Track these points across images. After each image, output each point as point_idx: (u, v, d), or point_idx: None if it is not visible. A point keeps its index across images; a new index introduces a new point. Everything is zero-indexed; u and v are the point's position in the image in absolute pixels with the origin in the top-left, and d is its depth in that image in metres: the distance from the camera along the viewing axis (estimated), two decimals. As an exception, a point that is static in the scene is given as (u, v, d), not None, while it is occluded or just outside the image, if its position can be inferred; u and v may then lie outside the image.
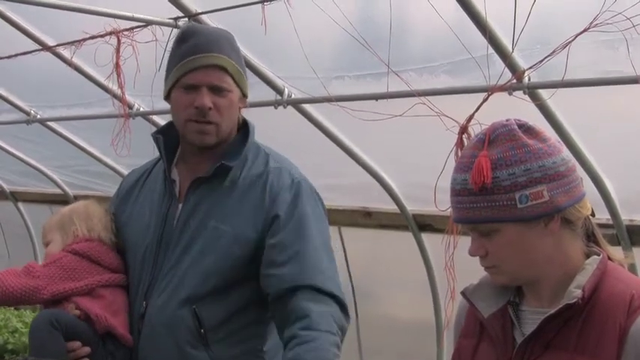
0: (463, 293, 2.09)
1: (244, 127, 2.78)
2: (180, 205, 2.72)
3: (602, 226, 4.48)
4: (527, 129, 1.92)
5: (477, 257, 1.97)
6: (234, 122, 2.73)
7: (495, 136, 1.91)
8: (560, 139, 3.84)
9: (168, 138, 2.77)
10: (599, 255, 1.94)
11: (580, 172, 4.09)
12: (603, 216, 4.56)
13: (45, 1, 4.25)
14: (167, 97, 2.74)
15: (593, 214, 2.00)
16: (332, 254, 2.72)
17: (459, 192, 1.92)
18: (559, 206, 1.86)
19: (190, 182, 2.70)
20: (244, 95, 2.74)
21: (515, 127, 1.91)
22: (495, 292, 2.04)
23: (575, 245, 1.95)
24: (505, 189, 1.85)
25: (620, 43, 3.25)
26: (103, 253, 2.77)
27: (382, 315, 6.41)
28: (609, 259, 1.96)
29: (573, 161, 1.93)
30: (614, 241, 4.58)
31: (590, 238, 2.00)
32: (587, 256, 1.95)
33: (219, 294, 2.64)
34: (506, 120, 1.94)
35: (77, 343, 2.61)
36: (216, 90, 2.61)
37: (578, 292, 1.83)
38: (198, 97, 2.58)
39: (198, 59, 2.59)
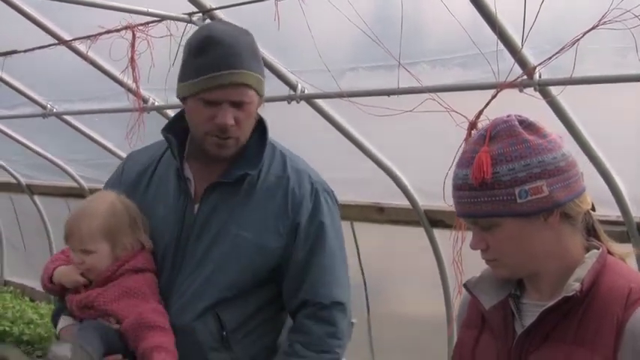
0: (465, 285, 2.13)
1: (259, 125, 2.74)
2: (196, 206, 2.70)
3: (612, 223, 4.57)
4: (528, 125, 1.95)
5: (473, 252, 2.01)
6: (252, 128, 2.69)
7: (496, 132, 1.94)
8: (571, 137, 3.94)
9: (177, 131, 2.74)
10: (598, 249, 1.96)
11: (591, 169, 4.16)
12: (614, 213, 4.57)
13: (62, -5, 4.29)
14: (181, 100, 2.66)
15: (593, 209, 2.02)
16: (344, 260, 2.79)
17: (460, 187, 1.95)
18: (558, 201, 1.89)
19: (208, 184, 2.68)
20: (261, 97, 2.67)
21: (516, 123, 1.94)
22: (497, 284, 2.07)
23: (575, 239, 1.97)
24: (505, 184, 1.87)
25: (631, 41, 3.26)
26: (152, 262, 2.72)
27: (393, 310, 6.44)
28: (610, 253, 1.99)
29: (574, 157, 1.95)
30: (625, 238, 4.58)
31: (591, 232, 2.03)
32: (587, 250, 1.97)
33: (240, 299, 2.68)
34: (507, 116, 1.97)
35: (118, 356, 2.61)
36: (238, 105, 2.55)
37: (577, 285, 1.86)
38: (220, 115, 2.52)
39: (221, 77, 2.50)
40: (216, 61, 2.50)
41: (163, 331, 2.56)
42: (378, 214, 5.99)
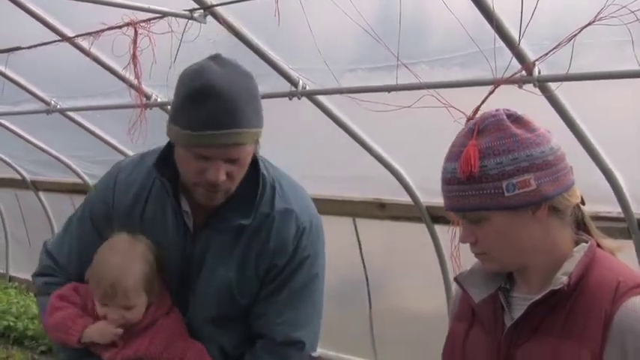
0: (456, 279, 2.14)
1: (253, 164, 2.56)
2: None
3: (613, 219, 4.56)
4: (516, 119, 1.95)
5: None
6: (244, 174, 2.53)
7: (484, 126, 1.95)
8: (572, 133, 3.94)
9: (168, 164, 2.57)
10: (587, 243, 1.97)
11: (591, 165, 4.16)
12: (614, 209, 4.58)
13: (64, -8, 4.30)
14: (170, 139, 2.51)
15: (583, 203, 2.03)
16: (313, 301, 2.71)
17: (449, 181, 1.97)
18: (546, 195, 1.90)
19: (199, 223, 2.61)
20: (258, 141, 2.48)
21: (504, 117, 1.95)
22: (487, 278, 2.09)
23: (564, 233, 1.98)
24: (492, 177, 1.88)
25: (629, 37, 3.27)
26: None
27: (395, 306, 6.45)
28: (600, 247, 1.99)
29: (563, 150, 1.96)
30: (626, 234, 4.59)
31: (581, 226, 2.04)
32: (577, 244, 1.98)
33: (237, 323, 2.71)
34: (496, 110, 1.98)
35: None
36: (231, 161, 2.40)
37: (564, 279, 1.87)
38: (212, 171, 2.37)
39: (218, 136, 2.31)
40: (211, 117, 2.30)
41: None
42: (379, 210, 6.01)
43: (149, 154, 2.73)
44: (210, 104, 2.29)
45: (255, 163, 2.56)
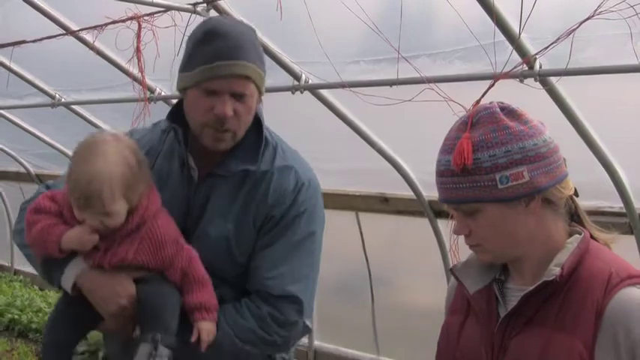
0: (452, 270, 2.16)
1: (255, 120, 2.68)
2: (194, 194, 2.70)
3: (615, 214, 4.56)
4: (510, 112, 1.97)
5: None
6: (249, 124, 2.64)
7: (478, 118, 1.96)
8: (573, 128, 3.95)
9: (179, 121, 2.67)
10: (581, 234, 1.98)
11: (593, 160, 4.17)
12: (616, 204, 4.59)
13: (67, -15, 4.32)
14: (181, 91, 2.61)
15: (576, 194, 2.04)
16: (311, 258, 2.70)
17: (442, 173, 1.98)
18: (539, 187, 1.91)
19: (205, 174, 2.66)
20: (261, 93, 2.63)
21: (497, 109, 1.96)
22: (482, 269, 2.10)
23: (557, 225, 2.00)
24: (486, 170, 1.90)
25: (634, 30, 3.27)
26: (159, 197, 2.63)
27: (398, 300, 6.47)
28: (593, 238, 2.01)
29: (556, 142, 1.97)
30: (627, 229, 4.60)
31: (574, 218, 2.05)
32: (570, 235, 2.00)
33: (230, 289, 2.69)
34: (490, 103, 2.00)
35: None
36: (238, 96, 2.51)
37: (557, 270, 1.88)
38: (219, 105, 2.48)
39: (224, 67, 2.47)
40: (219, 51, 2.47)
41: (202, 285, 2.56)
42: (383, 204, 6.03)
43: (161, 121, 2.85)
44: (216, 43, 2.48)
45: (258, 122, 2.68)
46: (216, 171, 2.64)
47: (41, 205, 2.57)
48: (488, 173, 1.90)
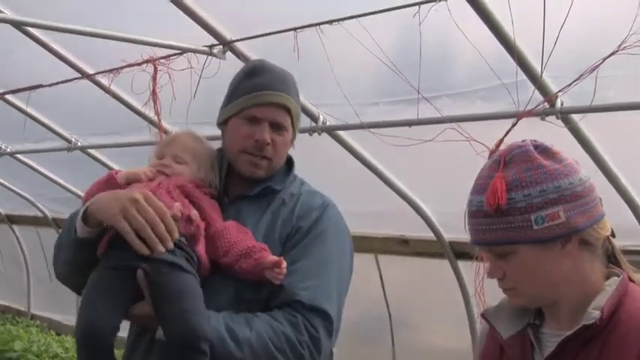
0: (483, 315, 2.08)
1: (288, 161, 2.81)
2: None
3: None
4: (544, 150, 1.90)
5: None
6: (283, 160, 2.76)
7: (511, 157, 1.90)
8: (596, 166, 3.88)
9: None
10: (619, 276, 1.90)
11: (617, 198, 4.09)
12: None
13: (85, 29, 4.29)
14: (222, 124, 2.74)
15: (613, 235, 1.97)
16: (341, 276, 2.63)
17: (474, 214, 1.92)
18: (576, 227, 1.84)
19: (233, 198, 2.70)
20: (295, 137, 2.78)
21: (531, 147, 1.90)
22: (515, 314, 2.02)
23: (595, 266, 1.92)
24: (520, 210, 1.83)
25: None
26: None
27: (419, 344, 6.37)
28: (631, 280, 1.93)
29: (592, 181, 1.90)
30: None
31: (611, 259, 1.97)
32: (608, 277, 1.92)
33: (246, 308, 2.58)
34: (522, 141, 1.93)
35: None
36: (277, 127, 2.65)
37: (597, 314, 1.80)
38: (259, 131, 2.61)
39: (267, 95, 2.63)
40: (264, 82, 2.66)
41: (252, 237, 2.55)
42: (402, 246, 5.95)
43: None
44: (264, 75, 2.69)
45: (289, 162, 2.81)
46: (243, 192, 2.69)
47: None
48: (523, 214, 1.83)
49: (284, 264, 2.45)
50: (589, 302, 1.86)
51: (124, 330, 2.45)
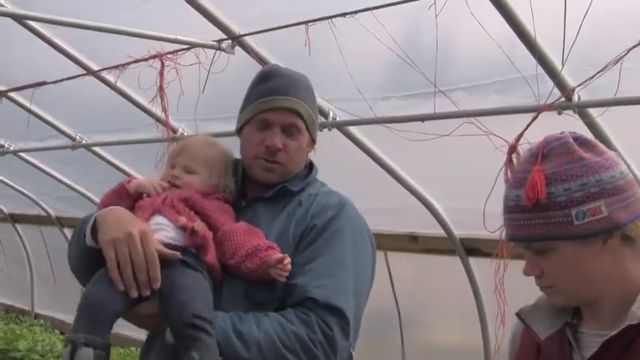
0: (518, 315, 2.01)
1: (309, 167, 2.79)
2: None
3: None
4: (583, 142, 1.84)
5: (523, 278, 1.90)
6: (301, 165, 2.72)
7: (549, 149, 1.84)
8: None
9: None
10: None
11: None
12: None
13: (89, 24, 4.23)
14: (239, 131, 2.75)
15: None
16: (359, 276, 2.53)
17: (512, 209, 1.85)
18: (618, 222, 1.77)
19: (250, 200, 2.68)
20: (313, 141, 2.74)
21: (570, 140, 1.83)
22: (552, 313, 1.95)
23: (637, 263, 1.84)
24: (561, 205, 1.77)
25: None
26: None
27: (429, 341, 6.32)
28: None
29: (632, 175, 1.84)
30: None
31: None
32: None
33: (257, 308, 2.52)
34: (560, 133, 1.87)
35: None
36: (288, 132, 2.62)
37: None
38: (270, 136, 2.59)
39: (277, 100, 2.62)
40: (275, 87, 2.64)
41: (258, 234, 2.51)
42: (412, 243, 5.89)
43: None
44: (276, 80, 2.68)
45: (311, 165, 2.79)
46: (259, 194, 2.67)
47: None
48: (564, 208, 1.76)
49: (287, 260, 2.40)
50: (631, 300, 1.79)
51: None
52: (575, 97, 3.67)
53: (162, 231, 2.45)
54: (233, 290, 2.49)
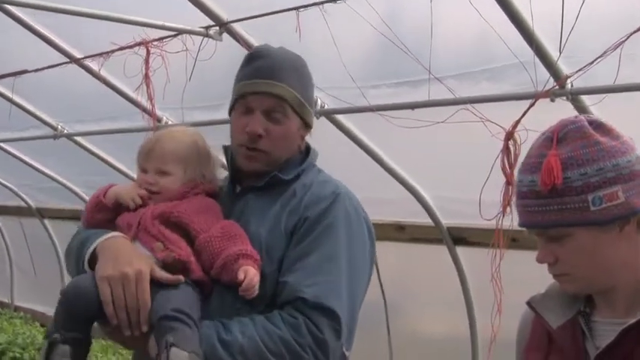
0: (529, 303, 1.98)
1: (306, 152, 2.68)
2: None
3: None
4: (598, 125, 1.81)
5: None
6: (292, 151, 2.61)
7: (564, 133, 1.81)
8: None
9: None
10: None
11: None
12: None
13: (72, 9, 4.16)
14: (230, 117, 2.68)
15: None
16: (353, 273, 2.45)
17: (525, 194, 1.81)
18: (635, 208, 1.75)
19: (243, 189, 2.62)
20: (307, 125, 2.63)
21: (586, 123, 1.81)
22: (564, 301, 1.93)
23: None
24: (577, 190, 1.74)
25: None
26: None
27: (415, 330, 6.30)
28: None
29: None
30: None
31: None
32: None
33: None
34: (576, 117, 1.84)
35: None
36: (271, 116, 2.52)
37: None
38: (251, 122, 2.51)
39: (257, 84, 2.53)
40: (257, 70, 2.55)
41: (245, 240, 2.44)
42: (398, 232, 5.85)
43: None
44: (259, 62, 2.57)
45: (307, 150, 2.69)
46: (252, 183, 2.60)
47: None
48: (580, 194, 1.74)
49: (253, 289, 2.33)
50: None
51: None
52: (569, 85, 3.65)
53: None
54: (221, 292, 2.43)
